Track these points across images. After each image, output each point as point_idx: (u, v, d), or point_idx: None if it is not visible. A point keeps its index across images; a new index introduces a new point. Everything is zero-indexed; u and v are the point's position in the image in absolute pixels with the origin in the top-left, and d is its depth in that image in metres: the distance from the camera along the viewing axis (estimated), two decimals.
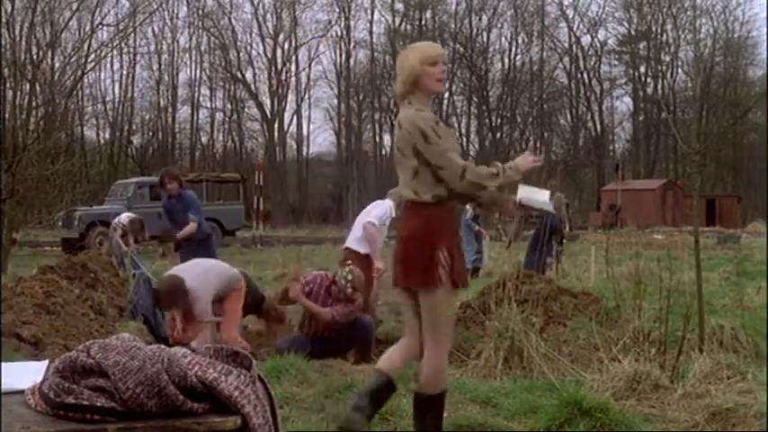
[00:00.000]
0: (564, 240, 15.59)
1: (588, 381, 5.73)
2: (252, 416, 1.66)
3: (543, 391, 5.73)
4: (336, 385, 5.85)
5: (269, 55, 56.65)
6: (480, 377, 6.52)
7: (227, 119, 58.20)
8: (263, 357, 7.07)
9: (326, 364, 6.76)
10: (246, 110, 57.70)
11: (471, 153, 56.29)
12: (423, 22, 57.36)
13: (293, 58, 57.20)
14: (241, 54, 56.83)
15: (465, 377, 6.59)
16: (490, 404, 5.57)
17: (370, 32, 58.02)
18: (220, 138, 59.31)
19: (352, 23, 57.55)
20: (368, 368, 6.91)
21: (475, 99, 57.78)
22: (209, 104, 58.10)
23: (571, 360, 6.72)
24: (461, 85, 57.71)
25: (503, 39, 58.63)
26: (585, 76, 58.86)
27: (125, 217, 17.13)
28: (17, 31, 23.13)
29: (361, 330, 7.98)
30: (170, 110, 56.55)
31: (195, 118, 57.51)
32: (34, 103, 21.07)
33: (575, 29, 58.39)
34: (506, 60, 58.63)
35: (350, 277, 7.96)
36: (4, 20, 23.12)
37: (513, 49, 58.59)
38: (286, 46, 57.02)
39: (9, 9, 23.69)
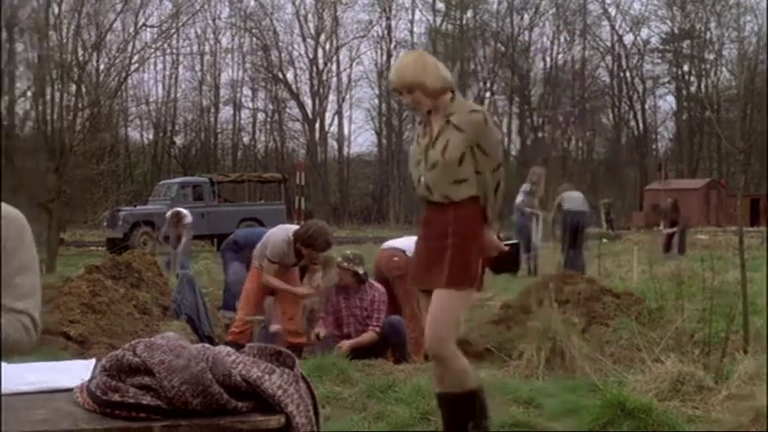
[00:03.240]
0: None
1: (631, 381, 5.70)
2: (295, 415, 1.68)
3: (586, 392, 5.70)
4: (378, 385, 5.86)
5: (310, 55, 56.84)
6: (522, 378, 6.50)
7: (268, 119, 58.47)
8: (305, 356, 7.12)
9: (368, 364, 6.78)
10: (288, 110, 57.91)
11: (513, 153, 56.07)
12: (464, 22, 57.20)
13: (334, 58, 57.34)
14: (282, 54, 57.07)
15: (507, 377, 6.57)
16: (533, 404, 5.56)
17: (411, 32, 58.04)
18: (262, 138, 59.62)
19: (393, 23, 57.57)
20: (409, 367, 6.93)
21: (516, 98, 57.52)
22: (250, 105, 58.41)
23: (613, 361, 6.68)
24: (503, 84, 57.48)
25: (544, 38, 58.34)
26: (628, 74, 58.34)
27: (169, 213, 17.31)
28: (64, 34, 23.43)
29: (393, 331, 8.01)
30: (212, 110, 56.93)
31: (237, 118, 57.87)
32: (80, 105, 21.29)
33: (617, 27, 57.94)
34: (548, 59, 58.33)
35: (350, 256, 8.08)
36: (51, 22, 23.43)
37: (555, 47, 58.28)
38: (327, 46, 57.18)
39: (57, 12, 24.01)
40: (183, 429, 1.66)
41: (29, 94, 23.44)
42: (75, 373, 2.02)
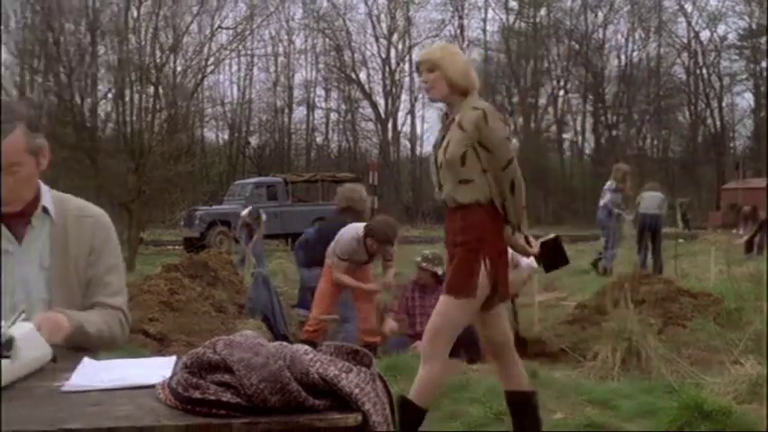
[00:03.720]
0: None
1: (709, 383, 5.60)
2: (372, 413, 1.69)
3: (662, 394, 5.63)
4: (452, 384, 5.86)
5: (383, 55, 56.94)
6: (597, 378, 6.45)
7: (341, 119, 58.74)
8: (379, 356, 7.14)
9: None
10: (361, 110, 58.07)
11: (587, 151, 55.46)
12: (537, 20, 56.75)
13: (407, 57, 57.31)
14: (355, 55, 57.28)
15: (582, 378, 6.52)
16: (608, 405, 5.51)
17: (484, 31, 57.78)
18: (335, 138, 59.91)
19: (465, 22, 57.38)
20: (483, 367, 6.91)
21: (590, 97, 56.84)
22: (324, 105, 58.68)
23: (690, 362, 6.58)
24: (576, 82, 56.86)
25: (619, 35, 57.56)
26: (704, 71, 57.22)
27: (245, 211, 17.50)
28: (142, 36, 23.84)
29: (465, 332, 7.97)
30: (286, 111, 57.38)
31: (310, 118, 58.23)
32: (158, 106, 21.65)
33: (693, 24, 56.88)
34: (623, 57, 57.53)
35: (429, 256, 8.07)
36: (131, 25, 23.85)
37: (630, 45, 57.45)
38: (400, 46, 57.23)
39: (136, 15, 24.45)
40: (261, 426, 1.67)
41: (109, 96, 23.91)
42: (156, 369, 2.05)
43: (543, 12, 56.91)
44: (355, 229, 8.08)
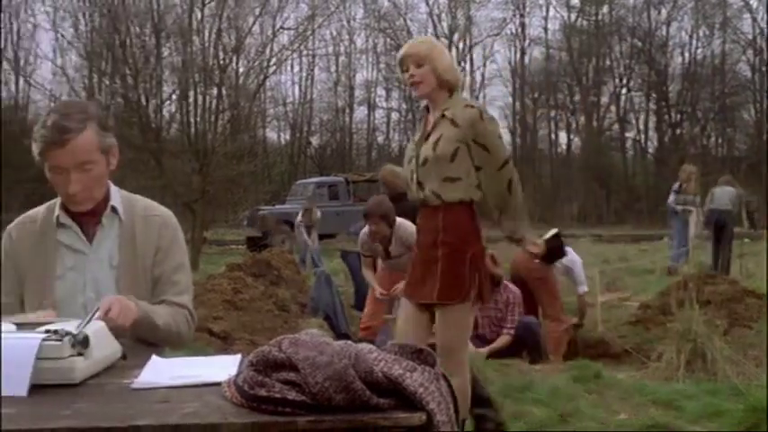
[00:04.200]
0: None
1: None
2: (436, 412, 1.69)
3: (727, 395, 5.55)
4: (515, 384, 5.85)
5: None
6: (661, 379, 6.38)
7: (402, 118, 58.68)
8: None
9: (505, 363, 6.77)
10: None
11: (650, 150, 54.72)
12: (599, 17, 56.10)
13: (468, 56, 57.11)
14: None
15: (646, 379, 6.46)
16: (672, 407, 5.45)
17: (545, 29, 57.21)
18: (396, 137, 59.82)
19: (526, 21, 56.94)
20: (547, 367, 6.88)
21: (653, 95, 56.03)
22: (384, 105, 58.68)
23: (756, 364, 6.48)
24: (639, 80, 56.08)
25: (683, 32, 56.55)
26: None
27: (300, 213, 17.56)
28: (205, 38, 24.10)
29: (528, 332, 7.95)
30: (347, 111, 57.52)
31: (371, 118, 58.28)
32: (221, 107, 21.86)
33: (759, 20, 55.73)
34: (686, 54, 56.51)
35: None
36: (194, 27, 24.12)
37: (694, 42, 56.42)
38: (461, 45, 57.01)
39: (199, 17, 24.73)
40: (326, 425, 1.68)
41: (174, 97, 24.22)
42: (222, 367, 2.08)
43: (605, 9, 56.22)
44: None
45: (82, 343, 2.04)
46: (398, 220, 7.56)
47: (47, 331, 2.02)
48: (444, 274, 4.10)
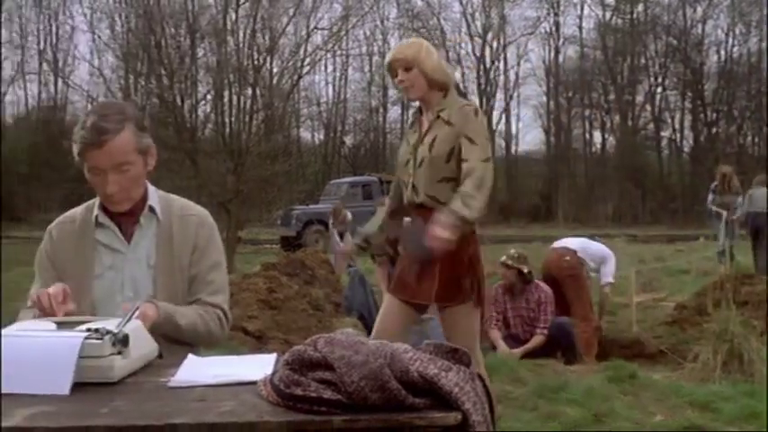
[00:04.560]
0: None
1: None
2: (471, 412, 1.69)
3: (765, 397, 5.49)
4: (549, 385, 5.82)
5: (477, 53, 56.66)
6: (698, 380, 6.33)
7: None
8: None
9: (539, 364, 6.75)
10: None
11: (686, 149, 54.26)
12: (634, 16, 55.71)
13: (502, 56, 56.96)
14: (450, 53, 57.11)
15: (682, 380, 6.41)
16: (709, 408, 5.40)
17: (580, 28, 56.93)
18: None
19: (561, 19, 56.68)
20: (581, 368, 6.85)
21: (689, 93, 55.54)
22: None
23: None
24: (675, 79, 55.62)
25: (719, 30, 56.01)
26: None
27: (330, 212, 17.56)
28: (240, 38, 24.22)
29: (561, 333, 7.92)
30: (381, 110, 57.59)
31: (405, 118, 58.21)
32: (255, 107, 21.96)
33: None
34: (722, 52, 55.94)
35: (515, 254, 7.96)
36: (229, 28, 24.24)
37: (730, 40, 55.86)
38: (494, 44, 56.86)
39: (234, 18, 24.85)
40: (362, 424, 1.69)
41: (208, 97, 24.35)
42: (258, 366, 2.09)
43: (640, 7, 55.82)
44: None
45: (122, 342, 2.06)
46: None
47: (87, 330, 2.04)
48: (443, 276, 4.05)
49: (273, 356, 2.24)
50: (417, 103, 4.42)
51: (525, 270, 7.99)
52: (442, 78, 4.23)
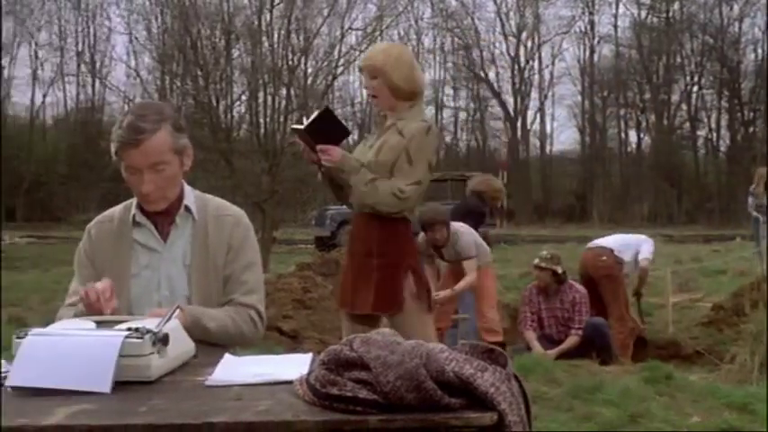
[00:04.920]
0: None
1: None
2: (507, 413, 1.68)
3: None
4: (584, 385, 5.80)
5: (512, 53, 56.48)
6: (735, 382, 6.28)
7: (470, 118, 58.55)
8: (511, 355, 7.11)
9: (574, 364, 6.72)
10: (489, 109, 57.72)
11: (722, 149, 53.74)
12: (670, 14, 55.23)
13: (536, 55, 56.73)
14: (484, 53, 57.01)
15: (718, 381, 6.36)
16: (746, 410, 5.35)
17: (615, 27, 56.53)
18: (464, 137, 59.77)
19: (596, 18, 56.34)
20: (616, 369, 6.81)
21: (726, 92, 54.98)
22: (452, 104, 58.59)
23: None
24: (711, 78, 55.08)
25: (755, 28, 55.24)
26: None
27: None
28: (274, 39, 24.26)
29: (597, 333, 7.88)
30: None
31: (439, 118, 58.13)
32: (290, 108, 22.01)
33: None
34: (759, 51, 55.24)
35: (548, 255, 7.93)
36: (263, 28, 24.30)
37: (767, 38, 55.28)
38: (529, 44, 56.67)
39: (268, 18, 24.89)
40: (398, 424, 1.69)
41: (243, 98, 24.42)
42: (294, 366, 2.10)
43: (676, 6, 55.34)
44: None
45: (162, 341, 2.09)
46: (460, 228, 7.65)
47: (128, 329, 2.06)
48: (379, 285, 4.00)
49: (309, 356, 2.25)
50: None
51: (559, 270, 7.96)
52: (409, 89, 4.09)
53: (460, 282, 7.61)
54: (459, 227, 7.69)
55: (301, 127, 3.97)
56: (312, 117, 3.99)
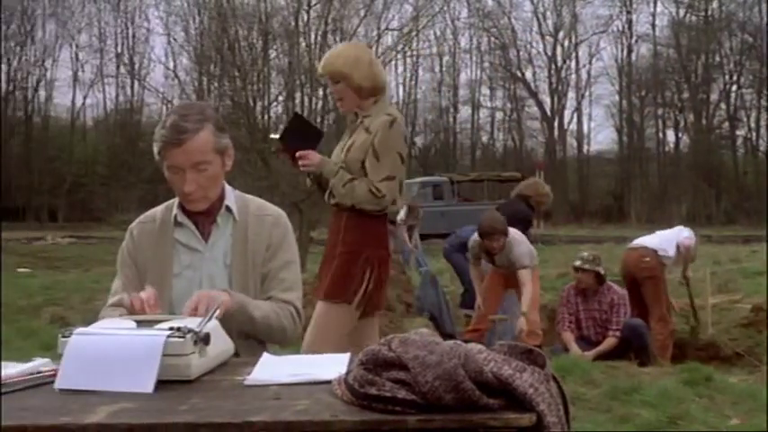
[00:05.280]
0: None
1: None
2: (546, 413, 1.68)
3: None
4: (622, 387, 5.76)
5: (549, 53, 56.26)
6: None
7: (506, 118, 58.39)
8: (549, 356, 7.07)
9: (612, 365, 6.67)
10: (526, 108, 57.59)
11: (762, 148, 53.11)
12: (709, 13, 54.68)
13: (573, 54, 56.46)
14: (521, 53, 56.84)
15: (758, 383, 6.29)
16: None
17: (653, 25, 56.12)
18: (500, 137, 59.62)
19: (633, 17, 55.96)
20: (655, 370, 6.76)
21: (765, 91, 54.28)
22: (489, 104, 58.50)
23: None
24: (750, 77, 54.42)
25: None
26: None
27: (403, 212, 17.59)
28: (311, 40, 24.35)
29: (635, 334, 7.82)
30: (451, 110, 57.51)
31: (476, 118, 58.14)
32: (326, 108, 22.09)
33: None
34: None
35: (589, 257, 7.87)
36: (300, 29, 24.39)
37: None
38: (566, 43, 56.41)
39: (305, 19, 25.00)
40: (436, 424, 1.69)
41: (280, 98, 24.53)
42: (332, 366, 2.11)
43: (715, 4, 54.76)
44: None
45: (204, 340, 2.10)
46: (515, 236, 7.66)
47: (170, 328, 2.08)
48: (335, 273, 4.09)
49: (347, 356, 2.26)
50: None
51: (602, 272, 7.91)
52: (372, 86, 4.14)
53: (523, 297, 7.64)
54: (513, 234, 7.70)
55: (277, 136, 4.11)
56: (285, 125, 4.15)
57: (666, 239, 8.55)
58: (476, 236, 7.77)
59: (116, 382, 1.95)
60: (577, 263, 8.02)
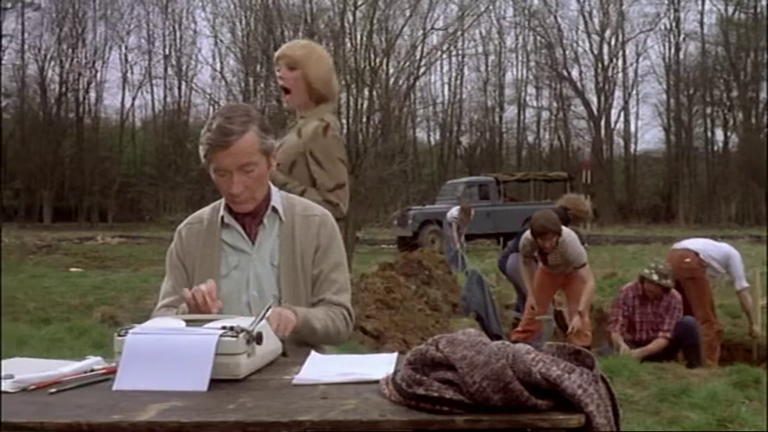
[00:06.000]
0: None
1: None
2: (595, 415, 1.67)
3: None
4: (671, 389, 5.70)
5: (595, 51, 55.86)
6: None
7: (553, 117, 58.07)
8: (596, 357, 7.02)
9: (660, 367, 6.60)
10: (573, 108, 57.24)
11: None
12: (758, 10, 53.91)
13: (620, 53, 55.99)
14: (567, 52, 56.49)
15: None
16: None
17: (701, 23, 55.52)
18: (546, 136, 59.35)
19: (681, 15, 55.37)
20: (703, 372, 6.68)
21: None
22: (535, 103, 58.26)
23: None
24: None
25: None
26: None
27: (455, 210, 17.60)
28: (357, 40, 24.41)
29: (687, 333, 7.71)
30: (497, 110, 57.32)
31: (521, 117, 57.91)
32: (372, 108, 22.15)
33: None
34: None
35: (663, 270, 7.75)
36: (346, 30, 24.46)
37: None
38: (612, 41, 55.96)
39: (351, 19, 25.06)
40: (484, 424, 1.69)
41: None
42: (379, 365, 2.11)
43: (765, 1, 54.00)
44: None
45: (256, 339, 2.12)
46: (567, 236, 7.63)
47: (222, 328, 2.10)
48: None
49: (395, 356, 2.26)
50: None
51: (671, 285, 7.78)
52: (323, 91, 4.03)
53: (583, 296, 7.69)
54: (567, 234, 7.69)
55: None
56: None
57: (711, 250, 8.45)
58: (528, 234, 7.76)
59: (171, 381, 1.97)
60: (646, 273, 7.78)
